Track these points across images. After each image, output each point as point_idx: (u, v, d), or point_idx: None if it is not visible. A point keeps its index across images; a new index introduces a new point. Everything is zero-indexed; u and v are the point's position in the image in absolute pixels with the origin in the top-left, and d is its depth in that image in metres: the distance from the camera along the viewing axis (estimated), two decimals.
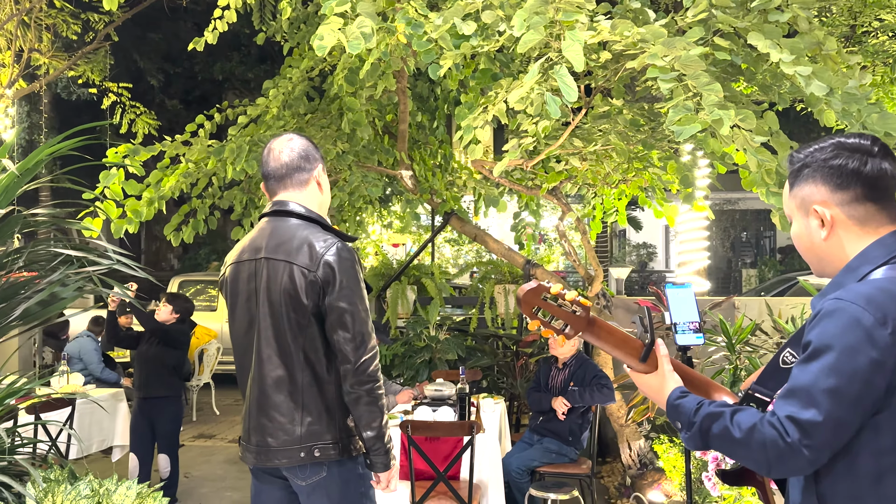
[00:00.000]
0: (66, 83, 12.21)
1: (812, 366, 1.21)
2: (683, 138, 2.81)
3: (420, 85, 6.56)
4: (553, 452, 4.22)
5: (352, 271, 2.01)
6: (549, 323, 1.45)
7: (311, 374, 2.01)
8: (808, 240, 1.38)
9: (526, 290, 1.44)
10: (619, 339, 1.48)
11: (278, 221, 2.09)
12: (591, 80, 4.34)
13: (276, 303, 2.00)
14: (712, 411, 1.31)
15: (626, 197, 5.94)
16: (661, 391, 1.46)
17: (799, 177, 1.38)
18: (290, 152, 2.13)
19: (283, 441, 2.00)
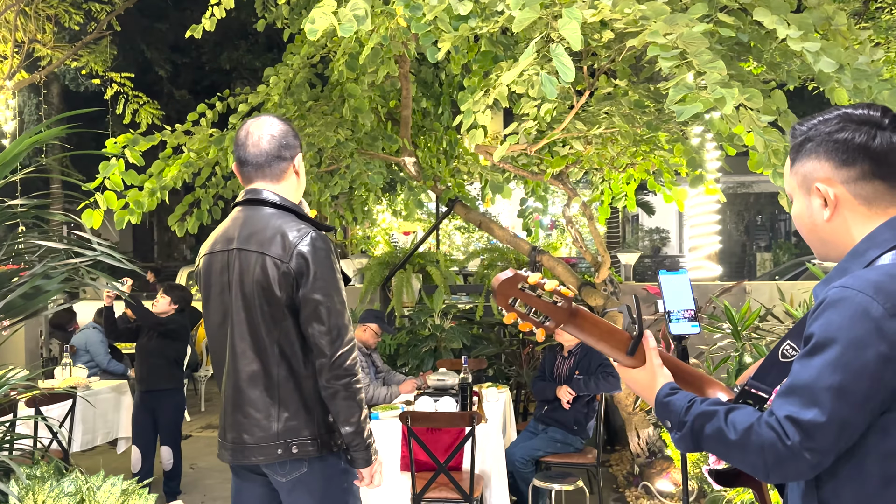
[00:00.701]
0: (74, 75, 12.19)
1: (814, 361, 1.11)
2: (684, 118, 2.70)
3: (424, 70, 6.46)
4: (558, 442, 4.14)
5: (327, 262, 1.93)
6: (527, 315, 1.34)
7: (287, 368, 1.95)
8: (810, 221, 1.26)
9: (501, 279, 1.33)
10: (604, 332, 1.38)
11: (251, 211, 2.02)
12: (594, 61, 4.23)
13: (249, 295, 1.94)
14: (705, 410, 1.21)
15: (635, 181, 5.83)
16: (649, 387, 1.35)
17: (801, 152, 1.26)
18: (270, 139, 2.03)
19: (259, 438, 1.93)
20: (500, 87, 3.81)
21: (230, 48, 15.23)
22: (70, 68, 9.35)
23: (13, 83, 5.74)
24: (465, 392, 3.79)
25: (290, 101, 5.66)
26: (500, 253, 6.64)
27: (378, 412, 3.86)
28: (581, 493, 3.85)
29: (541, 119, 4.45)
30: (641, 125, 4.29)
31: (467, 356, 5.46)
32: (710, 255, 6.98)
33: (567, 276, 5.44)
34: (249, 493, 2.06)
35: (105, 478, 2.31)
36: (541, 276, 1.35)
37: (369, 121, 5.35)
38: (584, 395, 4.16)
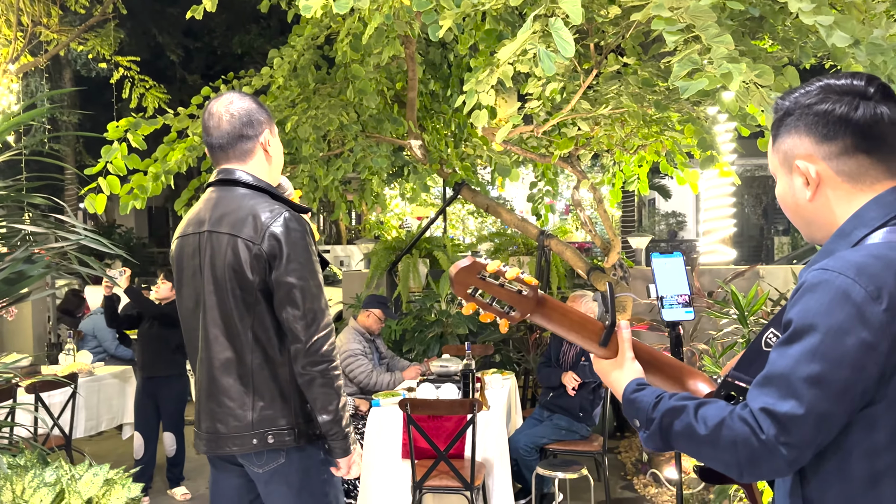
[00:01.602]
0: (86, 60, 12.19)
1: (792, 349, 1.02)
2: (689, 94, 2.59)
3: (432, 51, 6.34)
4: (563, 429, 4.06)
5: (301, 243, 1.84)
6: (489, 305, 1.25)
7: (262, 355, 1.87)
8: (793, 201, 1.17)
9: (459, 268, 1.23)
10: (574, 321, 1.29)
11: (223, 191, 1.93)
12: (600, 38, 4.10)
13: (220, 279, 1.86)
14: (673, 405, 1.12)
15: (647, 163, 5.70)
16: (618, 382, 1.27)
17: (781, 127, 1.16)
18: (230, 119, 1.93)
19: (233, 427, 1.86)
20: (503, 67, 3.70)
21: (241, 32, 15.19)
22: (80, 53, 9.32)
23: (16, 66, 5.70)
24: (468, 379, 3.72)
25: (295, 83, 5.58)
26: (508, 237, 6.54)
27: (379, 399, 3.80)
28: (586, 481, 3.77)
29: (545, 99, 4.34)
30: (650, 105, 4.16)
31: (473, 342, 5.38)
32: (725, 239, 6.84)
33: (576, 260, 5.34)
34: (226, 484, 1.99)
35: (89, 467, 2.27)
36: (500, 264, 1.26)
37: (374, 103, 5.25)
38: (591, 381, 4.07)
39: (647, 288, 1.71)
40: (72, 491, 2.07)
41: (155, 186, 5.11)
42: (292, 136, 5.27)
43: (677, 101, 4.25)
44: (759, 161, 15.97)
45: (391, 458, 3.68)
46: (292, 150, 5.52)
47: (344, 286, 6.59)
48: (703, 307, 4.13)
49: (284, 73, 5.43)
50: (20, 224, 2.32)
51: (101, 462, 5.13)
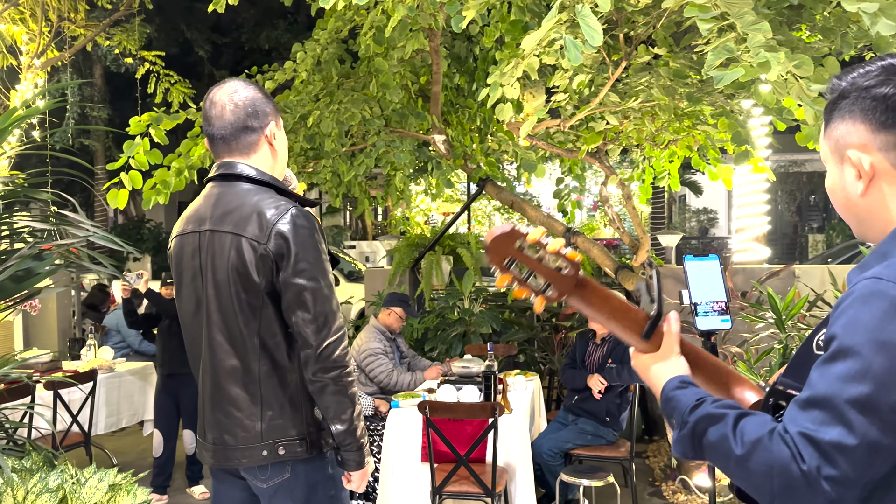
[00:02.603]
0: (116, 56, 12.27)
1: (836, 367, 0.89)
2: (724, 84, 2.45)
3: (458, 45, 6.22)
4: (588, 434, 3.93)
5: (310, 241, 1.71)
6: (524, 280, 1.13)
7: (270, 362, 1.75)
8: (844, 195, 1.04)
9: (496, 234, 1.12)
10: (616, 308, 1.16)
11: (225, 187, 1.81)
12: (630, 28, 3.95)
13: (223, 282, 1.74)
14: (711, 412, 1.01)
15: (678, 159, 5.54)
16: (658, 377, 1.14)
17: (835, 110, 1.03)
18: (234, 108, 1.80)
19: (242, 438, 1.75)
20: (528, 58, 3.58)
21: (269, 28, 15.20)
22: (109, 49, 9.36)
23: (41, 62, 5.69)
24: (490, 381, 3.60)
25: (318, 77, 5.51)
26: None
27: (398, 400, 3.70)
28: (612, 488, 3.64)
29: (571, 92, 4.20)
30: (682, 98, 4.01)
31: (497, 342, 5.27)
32: (758, 237, 6.62)
33: (603, 258, 5.19)
34: (228, 497, 1.90)
35: (95, 471, 2.20)
36: (543, 233, 1.13)
37: (397, 97, 5.16)
38: (617, 384, 3.93)
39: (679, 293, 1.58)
40: (74, 497, 2.00)
41: (178, 181, 5.07)
42: (315, 130, 5.20)
43: (710, 94, 4.08)
44: (793, 156, 15.59)
45: (411, 461, 3.59)
46: (315, 146, 5.45)
47: (366, 283, 6.50)
48: (736, 309, 3.97)
49: (308, 67, 5.35)
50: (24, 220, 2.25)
51: (122, 458, 5.13)
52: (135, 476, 2.33)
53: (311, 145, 5.39)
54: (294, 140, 5.43)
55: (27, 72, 5.58)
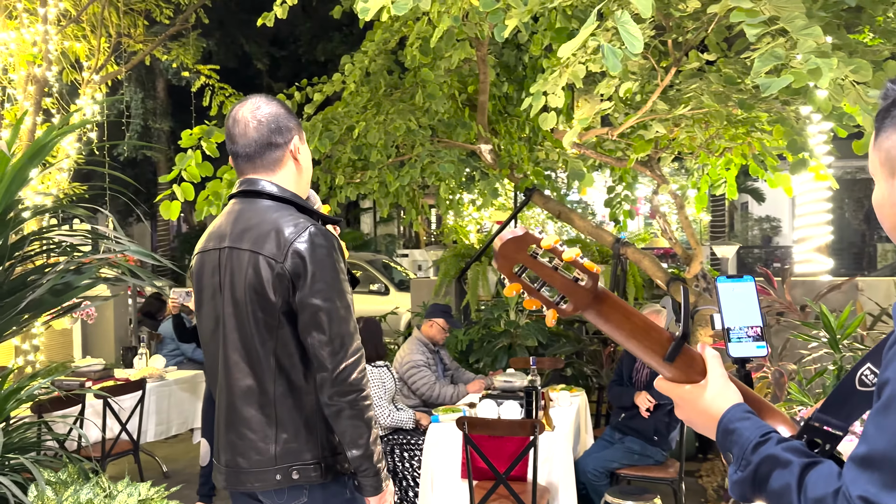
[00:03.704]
0: (176, 70, 12.63)
1: (893, 419, 0.79)
2: (770, 93, 2.33)
3: (507, 53, 6.18)
4: (635, 453, 3.80)
5: (327, 261, 1.68)
6: (536, 290, 1.05)
7: (286, 383, 1.72)
8: (892, 211, 0.93)
9: (506, 239, 1.03)
10: (636, 327, 1.06)
11: (247, 203, 1.79)
12: (678, 34, 3.83)
13: (240, 300, 1.72)
14: (778, 455, 0.91)
15: (735, 166, 5.36)
16: (710, 406, 1.04)
17: (886, 118, 0.93)
18: (257, 125, 1.78)
19: (255, 462, 1.72)
20: (573, 67, 3.51)
21: (325, 40, 15.43)
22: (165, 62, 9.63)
23: (100, 76, 5.87)
24: (531, 397, 3.52)
25: (366, 88, 5.53)
26: (582, 244, 6.28)
27: (438, 414, 3.65)
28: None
29: (617, 99, 4.10)
30: (735, 104, 3.86)
31: (543, 355, 5.17)
32: (821, 247, 6.35)
33: (654, 269, 5.05)
34: None
35: (128, 484, 2.22)
36: (557, 240, 1.05)
37: (443, 107, 5.14)
38: (667, 402, 3.80)
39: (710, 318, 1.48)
40: None
41: (229, 193, 5.14)
42: (362, 141, 5.22)
43: (765, 101, 3.93)
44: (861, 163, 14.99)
45: (450, 477, 3.53)
46: (362, 156, 5.47)
47: (413, 293, 6.49)
48: (792, 324, 3.80)
49: (356, 78, 5.38)
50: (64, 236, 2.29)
51: (173, 465, 5.22)
52: (168, 489, 2.34)
53: (359, 156, 5.42)
54: (342, 151, 5.46)
55: (86, 86, 5.76)
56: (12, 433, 2.44)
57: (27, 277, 2.29)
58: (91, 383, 4.41)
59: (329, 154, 5.80)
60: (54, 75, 5.37)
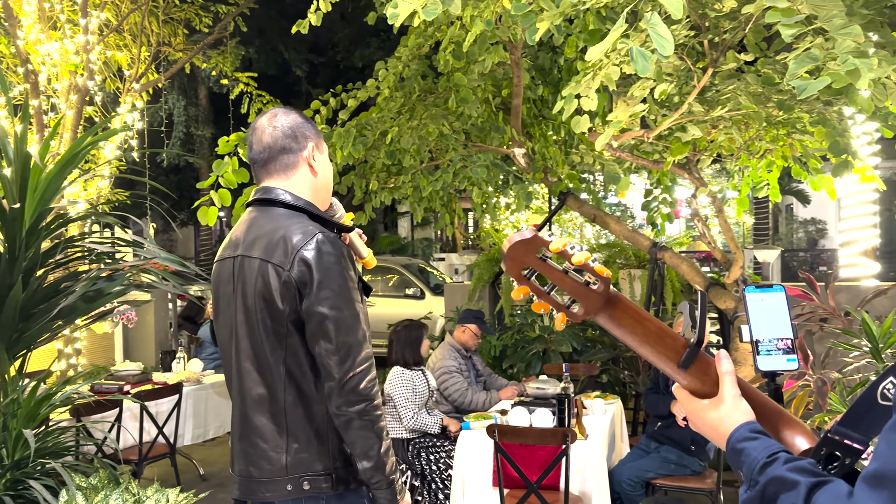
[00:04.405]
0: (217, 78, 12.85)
1: None
2: (807, 95, 2.25)
3: (542, 56, 6.13)
4: (672, 463, 3.72)
5: (335, 268, 1.67)
6: (546, 293, 1.02)
7: (296, 391, 1.71)
8: None
9: (514, 241, 1.01)
10: (650, 332, 1.03)
11: (261, 212, 1.80)
12: (715, 34, 3.75)
13: (251, 308, 1.72)
14: (784, 476, 0.89)
15: (777, 168, 5.23)
16: (718, 423, 1.02)
17: None
18: (272, 131, 1.80)
19: (266, 471, 1.71)
20: (606, 69, 3.46)
21: (363, 46, 15.55)
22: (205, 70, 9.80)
23: (140, 85, 5.99)
24: (564, 404, 3.47)
25: (400, 94, 5.55)
26: (619, 248, 6.19)
27: (469, 421, 3.62)
28: None
29: (650, 101, 4.04)
30: (773, 105, 3.76)
31: (577, 361, 5.10)
32: (867, 251, 6.17)
33: (693, 274, 4.95)
34: None
35: (158, 489, 2.24)
36: (566, 243, 1.02)
37: (476, 112, 5.12)
38: None
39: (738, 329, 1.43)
40: None
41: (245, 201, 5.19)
42: (395, 146, 5.23)
43: (806, 101, 3.82)
44: None
45: (482, 485, 3.50)
46: (396, 161, 5.48)
47: (446, 298, 6.47)
48: (835, 330, 3.68)
49: (390, 84, 5.40)
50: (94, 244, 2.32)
51: (210, 468, 5.28)
52: (196, 495, 2.36)
53: (393, 161, 5.43)
54: (376, 156, 5.48)
55: (126, 95, 5.87)
56: (46, 437, 2.49)
57: (60, 284, 2.34)
58: (130, 387, 4.49)
59: (364, 159, 5.82)
60: (96, 84, 5.50)
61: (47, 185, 2.24)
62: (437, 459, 3.86)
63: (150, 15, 6.46)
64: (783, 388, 3.86)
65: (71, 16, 5.58)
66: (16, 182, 2.18)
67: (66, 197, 4.83)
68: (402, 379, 3.88)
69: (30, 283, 2.23)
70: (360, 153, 5.21)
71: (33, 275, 2.26)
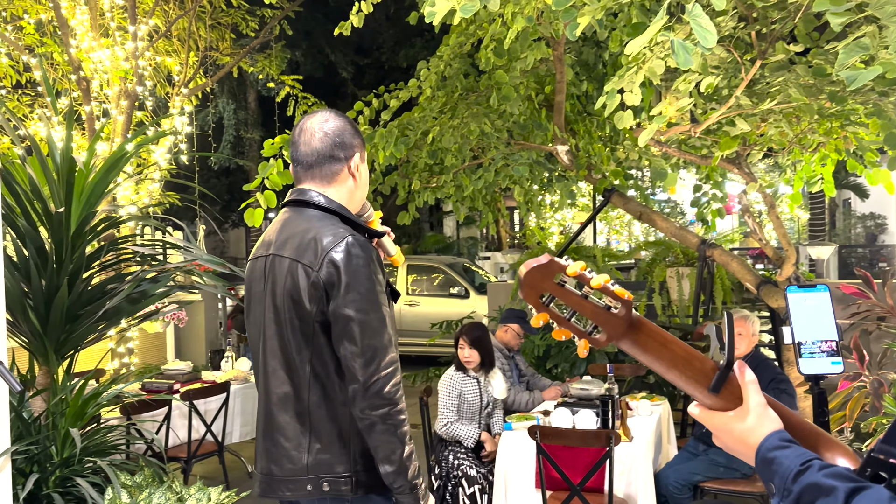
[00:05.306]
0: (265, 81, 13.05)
1: None
2: (857, 86, 2.16)
3: (586, 51, 6.05)
4: (720, 466, 3.63)
5: (364, 271, 1.67)
6: (566, 320, 0.99)
7: (320, 392, 1.71)
8: None
9: (531, 267, 0.98)
10: (676, 356, 0.99)
11: (295, 212, 1.81)
12: (763, 25, 3.64)
13: (280, 307, 1.72)
14: (820, 482, 0.85)
15: (831, 162, 5.06)
16: (748, 435, 0.98)
17: None
18: (323, 137, 1.80)
19: (287, 470, 1.72)
20: (650, 63, 3.39)
21: (408, 46, 15.61)
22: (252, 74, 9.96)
23: (188, 90, 6.11)
24: (607, 406, 3.41)
25: (442, 93, 5.54)
26: (666, 246, 6.07)
27: (511, 422, 3.59)
28: None
29: (695, 95, 3.95)
30: (825, 97, 3.63)
31: (623, 361, 5.01)
32: None
33: (744, 272, 4.82)
34: None
35: (200, 488, 2.27)
36: (584, 267, 0.99)
37: (518, 109, 5.07)
38: None
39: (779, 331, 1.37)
40: None
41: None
42: (437, 146, 5.22)
43: (860, 92, 3.67)
44: None
45: (524, 486, 3.47)
46: (437, 160, 5.47)
47: (489, 298, 6.43)
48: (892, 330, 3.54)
49: (432, 83, 5.39)
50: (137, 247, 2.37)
51: None
52: (238, 494, 2.39)
53: (435, 160, 5.43)
54: (417, 156, 5.48)
55: (175, 99, 6.00)
56: (94, 436, 2.55)
57: (106, 286, 2.39)
58: (179, 385, 4.58)
59: (406, 159, 5.83)
60: (147, 89, 5.63)
61: (92, 190, 2.30)
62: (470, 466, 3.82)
63: (198, 20, 6.59)
64: (837, 389, 3.73)
65: (122, 22, 5.73)
66: (62, 187, 2.25)
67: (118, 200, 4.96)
68: (449, 383, 3.83)
69: (76, 285, 2.30)
70: (402, 153, 5.22)
71: (79, 277, 2.33)
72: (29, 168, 2.29)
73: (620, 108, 3.60)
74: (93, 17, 5.28)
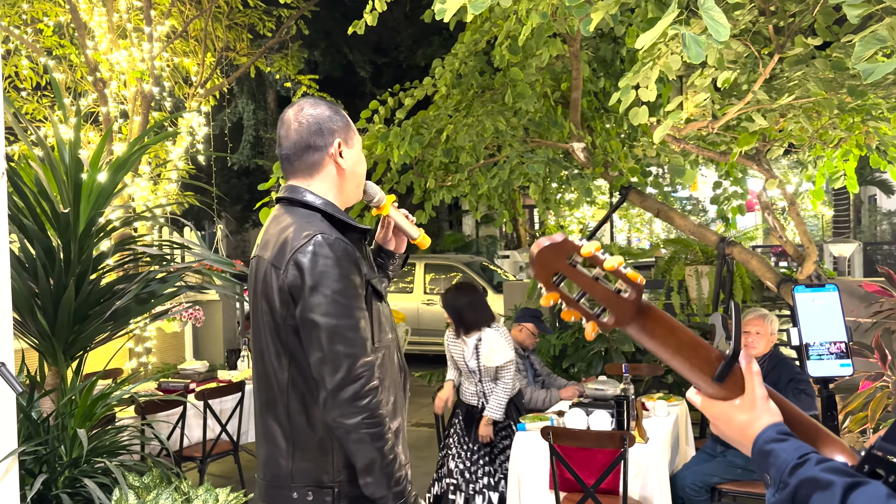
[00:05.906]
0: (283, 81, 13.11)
1: None
2: (874, 79, 2.10)
3: (603, 47, 6.00)
4: (738, 468, 3.56)
5: (330, 272, 1.56)
6: (575, 301, 0.97)
7: (299, 398, 1.63)
8: None
9: (543, 245, 0.96)
10: (683, 343, 0.98)
11: (281, 211, 1.73)
12: (780, 18, 3.57)
13: (259, 311, 1.66)
14: (817, 476, 0.85)
15: (853, 157, 4.96)
16: (746, 426, 0.98)
17: None
18: (297, 127, 1.71)
19: (272, 478, 1.66)
20: (665, 58, 3.34)
21: (425, 45, 15.60)
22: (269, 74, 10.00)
23: (205, 90, 6.14)
24: (622, 407, 3.37)
25: (457, 91, 5.51)
26: (684, 244, 5.99)
27: (525, 422, 3.56)
28: None
29: (711, 90, 3.88)
30: (845, 91, 3.55)
31: (640, 361, 4.95)
32: None
33: (763, 270, 4.75)
34: None
35: (207, 489, 2.26)
36: (598, 248, 0.96)
37: (533, 107, 5.03)
38: None
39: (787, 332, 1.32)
40: None
41: None
42: (452, 144, 5.20)
43: (881, 86, 3.59)
44: None
45: (538, 487, 3.43)
46: (452, 159, 5.45)
47: (505, 296, 6.39)
48: None
49: (447, 81, 5.37)
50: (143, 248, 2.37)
51: None
52: (246, 495, 2.38)
53: (450, 158, 5.40)
54: (432, 154, 5.45)
55: (192, 100, 6.03)
56: (104, 436, 2.56)
57: (114, 286, 2.39)
58: (195, 385, 4.60)
59: (421, 157, 5.81)
60: (164, 90, 5.67)
61: (100, 190, 2.30)
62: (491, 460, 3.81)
63: (215, 20, 6.61)
64: (859, 389, 3.65)
65: (139, 23, 5.76)
66: (69, 187, 2.25)
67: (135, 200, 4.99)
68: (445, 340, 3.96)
69: (83, 285, 2.30)
70: (416, 151, 5.20)
71: (87, 278, 2.33)
72: (36, 168, 2.30)
73: (636, 104, 3.56)
74: (110, 18, 5.32)
